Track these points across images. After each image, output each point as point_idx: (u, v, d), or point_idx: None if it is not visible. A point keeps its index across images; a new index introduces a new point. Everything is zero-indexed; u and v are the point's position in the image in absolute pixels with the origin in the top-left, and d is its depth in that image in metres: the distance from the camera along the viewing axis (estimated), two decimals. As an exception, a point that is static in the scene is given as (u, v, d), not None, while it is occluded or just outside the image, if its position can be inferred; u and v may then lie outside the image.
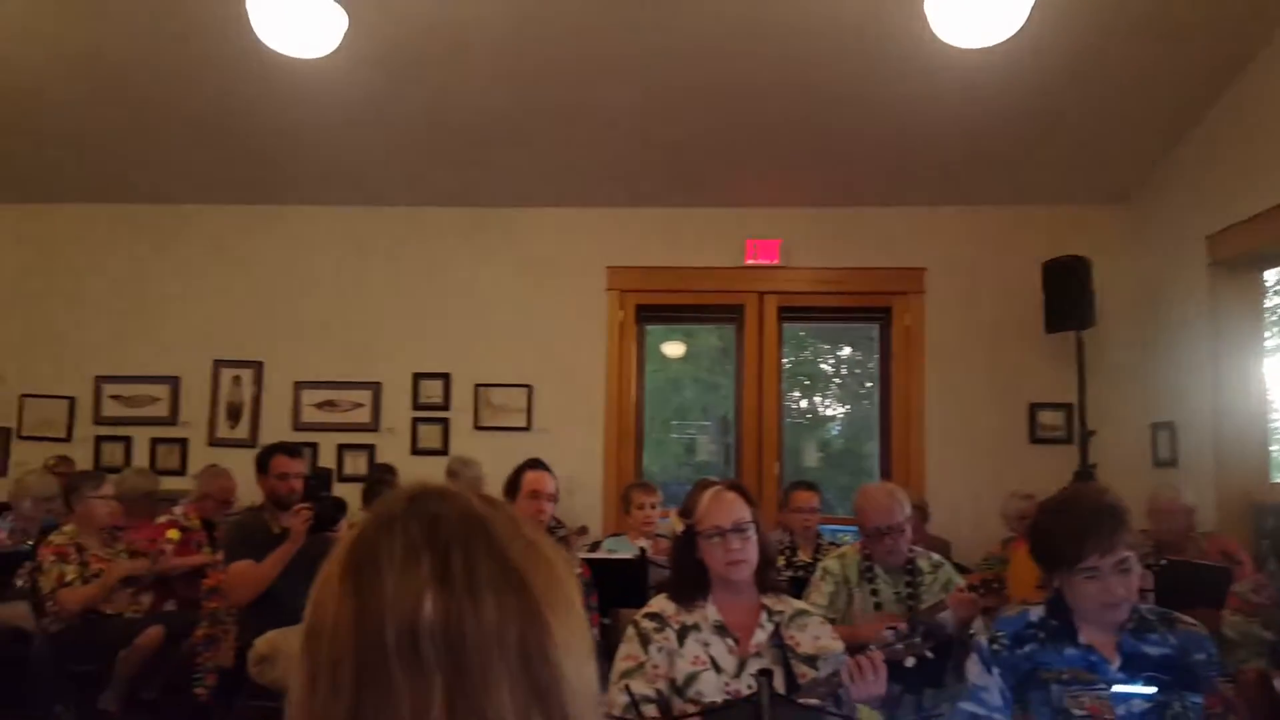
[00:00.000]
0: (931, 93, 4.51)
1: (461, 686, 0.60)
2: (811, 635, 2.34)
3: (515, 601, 0.63)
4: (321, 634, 0.64)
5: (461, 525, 0.66)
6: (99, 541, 4.38)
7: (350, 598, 0.64)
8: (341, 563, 0.67)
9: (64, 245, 6.07)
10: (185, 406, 5.97)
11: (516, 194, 5.77)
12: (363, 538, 0.67)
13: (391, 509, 0.68)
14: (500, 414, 5.81)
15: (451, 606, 0.62)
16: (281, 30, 3.45)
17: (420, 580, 0.62)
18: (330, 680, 0.62)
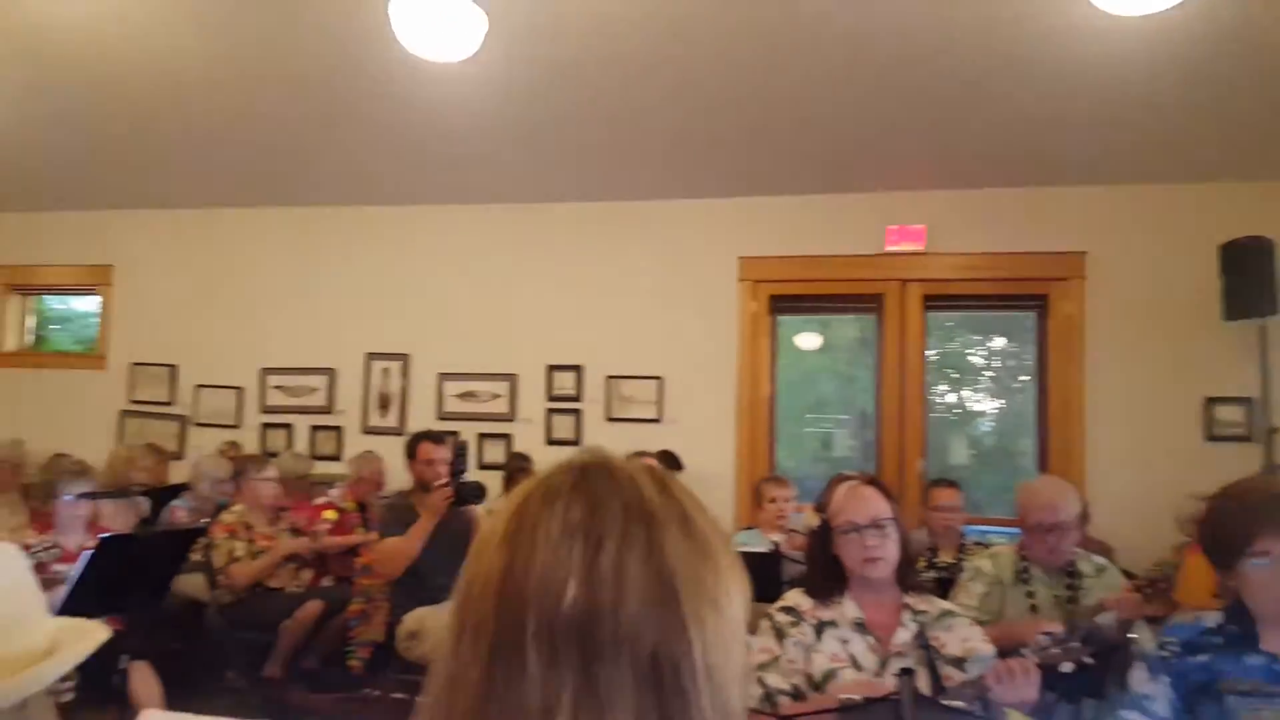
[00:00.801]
0: (1091, 62, 4.18)
1: (588, 686, 0.59)
2: (959, 637, 2.23)
3: (659, 612, 0.61)
4: (472, 591, 0.65)
5: (623, 517, 0.64)
6: (264, 520, 4.71)
7: (502, 563, 0.64)
8: (504, 525, 0.67)
9: (231, 247, 6.56)
10: (340, 396, 6.33)
11: (648, 187, 5.78)
12: (528, 505, 0.66)
13: (560, 482, 0.67)
14: (631, 405, 5.85)
15: (591, 601, 0.60)
16: (423, 36, 3.55)
17: (568, 567, 0.61)
18: (472, 639, 0.63)
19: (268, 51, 4.66)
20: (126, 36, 4.61)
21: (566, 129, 5.13)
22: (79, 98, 5.21)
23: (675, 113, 4.89)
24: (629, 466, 0.69)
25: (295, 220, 6.47)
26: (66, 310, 7.30)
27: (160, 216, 6.64)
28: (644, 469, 0.70)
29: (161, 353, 6.59)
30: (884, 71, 4.42)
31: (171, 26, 4.53)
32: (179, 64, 4.81)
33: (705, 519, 0.68)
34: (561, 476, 0.68)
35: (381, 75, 4.67)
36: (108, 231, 6.72)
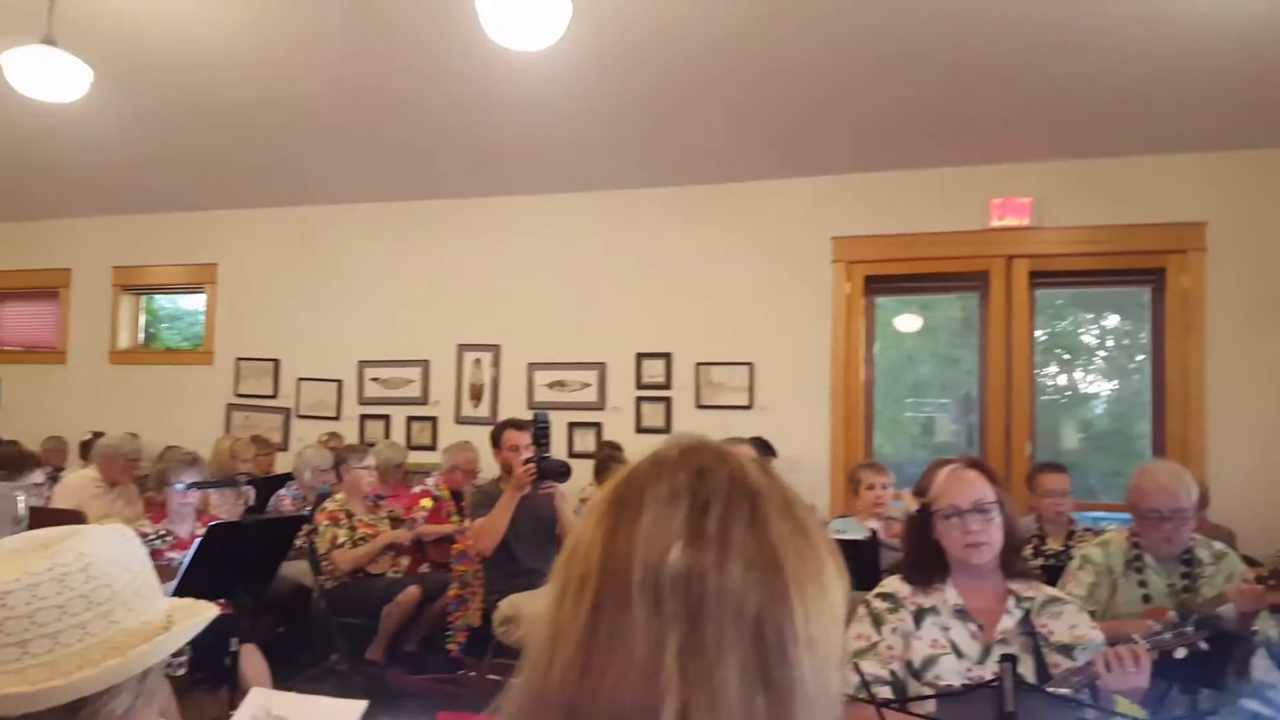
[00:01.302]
0: (1210, 19, 3.89)
1: (694, 645, 0.60)
2: (1067, 624, 2.13)
3: (762, 576, 0.62)
4: (577, 551, 0.67)
5: (728, 485, 0.67)
6: (364, 508, 4.83)
7: (607, 523, 0.66)
8: (609, 493, 0.69)
9: (329, 243, 6.74)
10: (434, 387, 6.45)
11: (736, 168, 5.68)
12: (634, 474, 0.69)
13: (667, 455, 0.70)
14: (721, 392, 5.77)
15: (696, 560, 0.62)
16: (510, 25, 3.53)
17: (674, 526, 0.63)
18: (576, 594, 0.65)
19: (359, 55, 4.75)
20: (227, 49, 4.77)
21: (650, 113, 5.07)
22: (184, 107, 5.42)
23: (763, 91, 4.77)
24: (736, 452, 0.72)
25: (388, 215, 6.61)
26: (175, 308, 7.65)
27: (261, 215, 6.88)
28: (750, 457, 0.72)
29: (265, 347, 6.83)
30: (984, 38, 4.21)
31: (268, 37, 4.67)
32: (276, 72, 4.96)
33: (804, 508, 0.70)
34: (668, 449, 0.71)
35: (467, 69, 4.71)
36: (212, 231, 7.00)
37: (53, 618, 0.92)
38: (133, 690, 0.98)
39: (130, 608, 0.98)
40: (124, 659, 0.95)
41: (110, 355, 7.27)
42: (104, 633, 0.95)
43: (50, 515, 3.65)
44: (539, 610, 0.69)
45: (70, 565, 0.94)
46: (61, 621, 0.92)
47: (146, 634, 0.99)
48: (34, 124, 5.50)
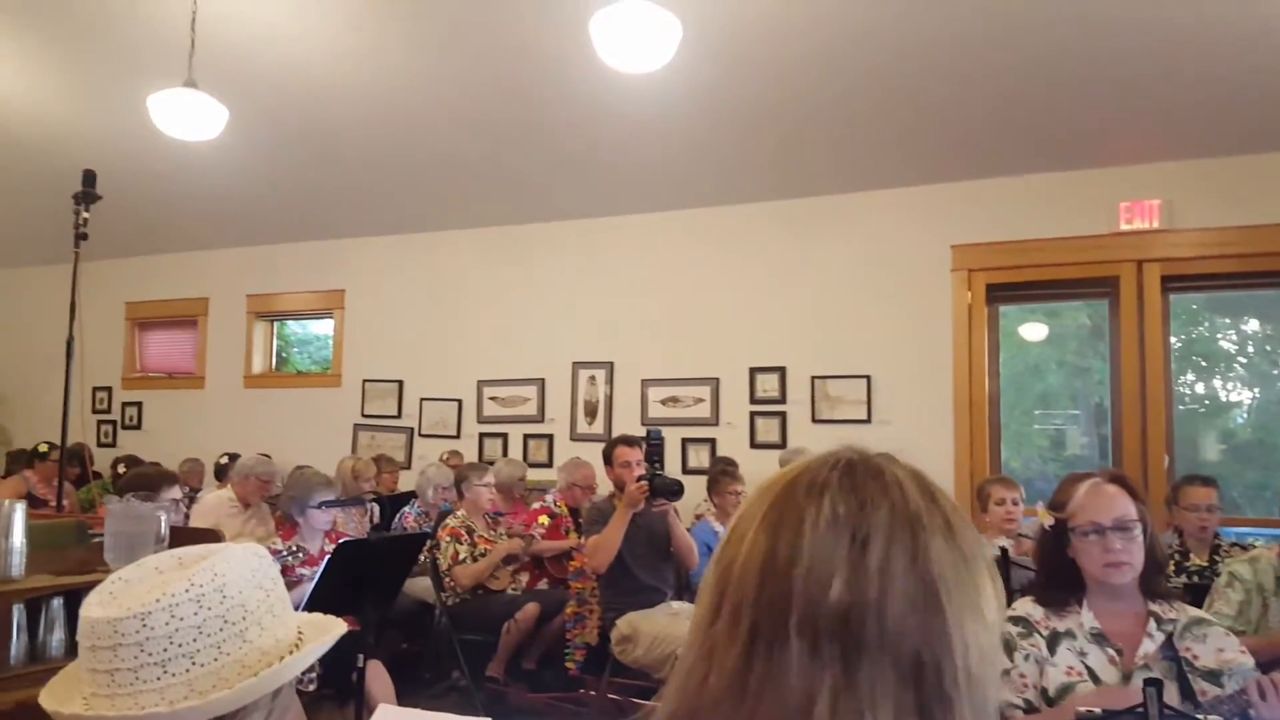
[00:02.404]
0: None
1: (849, 688, 0.59)
2: (1213, 648, 1.97)
3: (922, 618, 0.61)
4: (732, 568, 0.65)
5: (890, 519, 0.64)
6: (484, 525, 4.92)
7: (764, 548, 0.64)
8: (764, 510, 0.67)
9: (448, 267, 6.94)
10: (550, 405, 6.53)
11: (850, 179, 5.56)
12: (792, 494, 0.67)
13: (826, 476, 0.67)
14: (839, 406, 5.62)
15: (857, 598, 0.61)
16: (622, 48, 3.55)
17: (835, 562, 0.62)
18: (731, 619, 0.63)
19: (477, 85, 4.91)
20: (353, 85, 5.01)
21: (763, 127, 5.03)
22: (313, 141, 5.71)
23: (874, 100, 4.66)
24: (896, 470, 0.69)
25: (505, 239, 6.76)
26: (305, 333, 8.03)
27: (385, 242, 7.15)
28: (911, 473, 0.69)
29: (389, 369, 7.08)
30: (1107, 37, 3.99)
31: (391, 73, 4.87)
32: (399, 105, 5.17)
33: (966, 527, 0.68)
34: (827, 471, 0.68)
35: (581, 92, 4.78)
36: (339, 259, 7.32)
37: (190, 638, 0.93)
38: (265, 707, 0.99)
39: (263, 626, 1.00)
40: (257, 679, 0.96)
41: (245, 379, 7.68)
42: (238, 652, 0.96)
43: (189, 534, 3.86)
44: (692, 622, 0.67)
45: (206, 586, 0.96)
46: (198, 641, 0.94)
47: (278, 652, 1.00)
48: (176, 162, 5.90)
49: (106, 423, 8.14)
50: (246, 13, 4.47)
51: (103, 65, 5.16)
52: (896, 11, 3.97)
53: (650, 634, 3.69)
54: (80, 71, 5.31)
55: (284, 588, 1.07)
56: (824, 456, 0.70)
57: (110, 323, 8.10)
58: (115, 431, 8.10)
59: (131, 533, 2.59)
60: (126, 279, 8.03)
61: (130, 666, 0.92)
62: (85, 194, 3.92)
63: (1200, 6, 3.75)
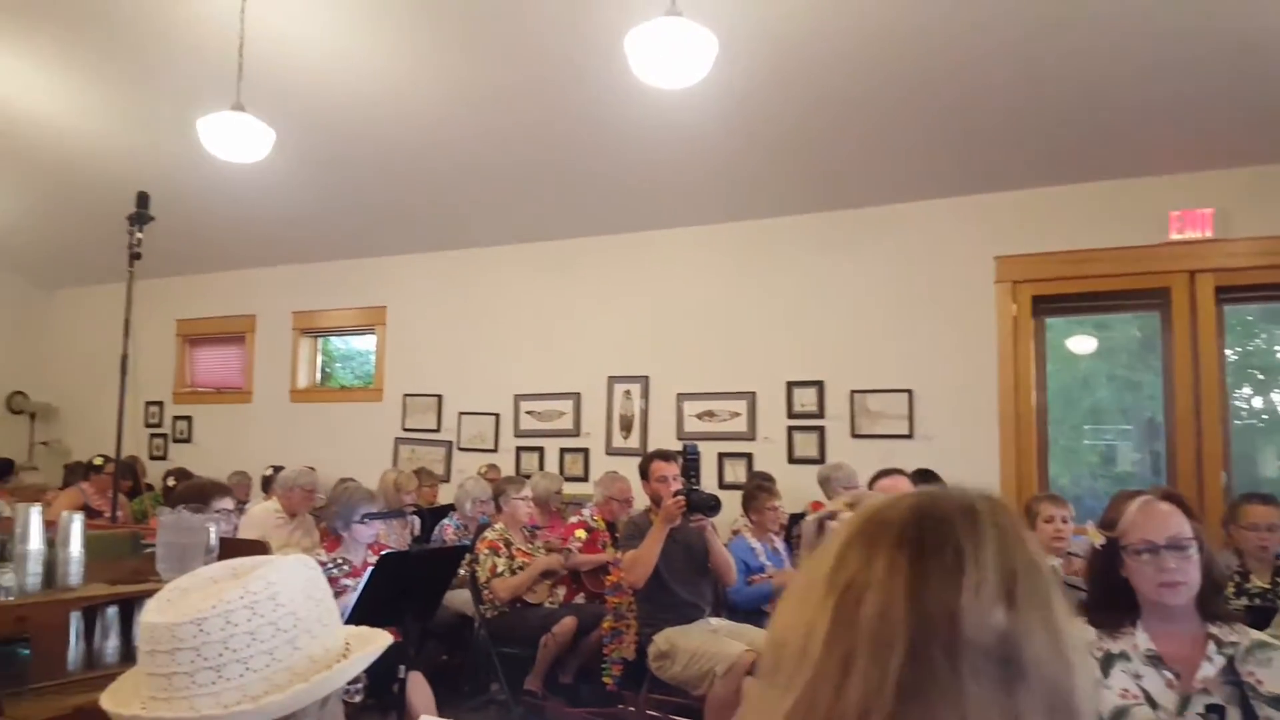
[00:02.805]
0: None
1: (1007, 709, 0.61)
2: (1278, 672, 1.88)
3: (1055, 648, 0.63)
4: (860, 586, 0.65)
5: (1020, 554, 0.66)
6: (521, 538, 4.93)
7: (908, 578, 0.64)
8: (898, 529, 0.67)
9: (486, 283, 7.01)
10: (586, 419, 6.55)
11: (889, 190, 5.52)
12: (934, 521, 0.67)
13: (970, 502, 0.69)
14: (879, 421, 5.56)
15: (1014, 631, 0.62)
16: (658, 65, 3.56)
17: (992, 594, 0.63)
18: (877, 629, 0.63)
19: (515, 105, 4.97)
20: (395, 107, 5.10)
21: (798, 140, 5.02)
22: (356, 162, 5.83)
23: (914, 111, 4.63)
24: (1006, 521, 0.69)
25: (541, 254, 6.81)
26: (348, 349, 8.15)
27: (425, 259, 7.25)
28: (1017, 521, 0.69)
29: (429, 384, 7.16)
30: (1157, 42, 3.93)
31: (432, 94, 4.96)
32: (439, 125, 5.26)
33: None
34: (963, 500, 0.69)
35: (615, 109, 4.82)
36: (381, 276, 7.44)
37: (244, 643, 0.96)
38: (314, 715, 1.01)
39: (313, 635, 1.02)
40: (308, 684, 0.98)
41: (291, 394, 7.82)
42: (289, 659, 0.99)
43: (237, 545, 3.93)
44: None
45: (260, 594, 0.99)
46: (251, 647, 0.96)
47: (327, 661, 1.02)
48: (224, 183, 6.04)
49: (158, 436, 8.33)
50: (292, 38, 4.58)
51: (155, 91, 5.32)
52: (936, 20, 3.95)
53: (688, 650, 3.67)
54: (134, 97, 5.47)
55: (332, 599, 1.09)
56: (953, 490, 0.71)
57: (162, 339, 8.31)
58: (166, 445, 8.29)
59: (182, 543, 2.65)
60: (177, 297, 8.23)
61: (186, 670, 0.94)
62: (139, 215, 4.03)
63: (1251, 13, 3.67)
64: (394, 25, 4.47)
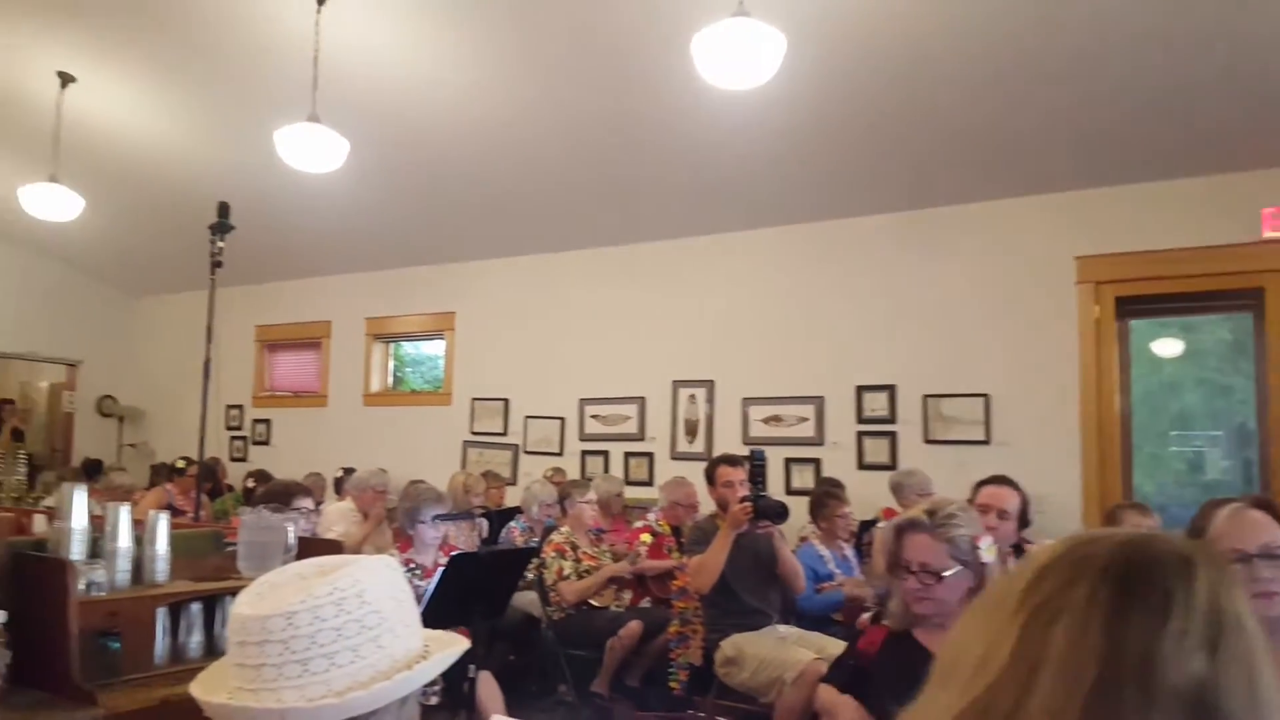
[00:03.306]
0: None
1: None
2: None
3: (1250, 711, 0.62)
4: (1055, 610, 0.66)
5: (1231, 607, 0.65)
6: (587, 541, 4.96)
7: (1107, 612, 0.65)
8: (1102, 564, 0.67)
9: (552, 288, 7.07)
10: (650, 423, 6.55)
11: (966, 189, 5.39)
12: (1146, 561, 0.67)
13: (1187, 552, 0.68)
14: (954, 426, 5.43)
15: (1214, 683, 0.62)
16: (724, 66, 3.53)
17: (1196, 642, 0.63)
18: (1061, 681, 0.63)
19: (582, 110, 5.00)
20: (479, 115, 5.18)
21: (869, 139, 4.94)
22: (426, 171, 5.94)
23: (992, 107, 4.51)
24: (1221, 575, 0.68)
25: (606, 259, 6.84)
26: (418, 354, 8.31)
27: (493, 265, 7.34)
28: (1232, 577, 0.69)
29: (496, 388, 7.25)
30: (1248, 29, 3.75)
31: (499, 100, 5.02)
32: (506, 131, 5.32)
33: None
34: (1189, 547, 0.68)
35: (682, 111, 4.80)
36: (450, 282, 7.56)
37: (330, 639, 0.98)
38: (394, 714, 1.03)
39: (396, 634, 1.04)
40: (390, 682, 1.00)
41: (364, 398, 8.01)
42: (372, 656, 1.00)
43: (314, 544, 4.03)
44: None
45: (347, 591, 1.01)
46: (337, 643, 0.98)
47: (408, 661, 1.04)
48: (301, 193, 6.21)
49: (238, 438, 8.61)
50: (363, 49, 4.69)
51: (236, 105, 5.50)
52: (1014, 12, 3.84)
53: (756, 657, 3.63)
54: (216, 112, 5.67)
55: (413, 601, 1.11)
56: (1166, 535, 0.71)
57: (242, 345, 8.59)
58: (246, 447, 8.56)
59: (262, 542, 2.72)
60: (256, 304, 8.50)
61: (275, 663, 0.96)
62: (220, 225, 4.17)
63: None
64: (461, 34, 4.54)
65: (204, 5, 4.54)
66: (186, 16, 4.67)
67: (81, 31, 4.99)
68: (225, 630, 2.52)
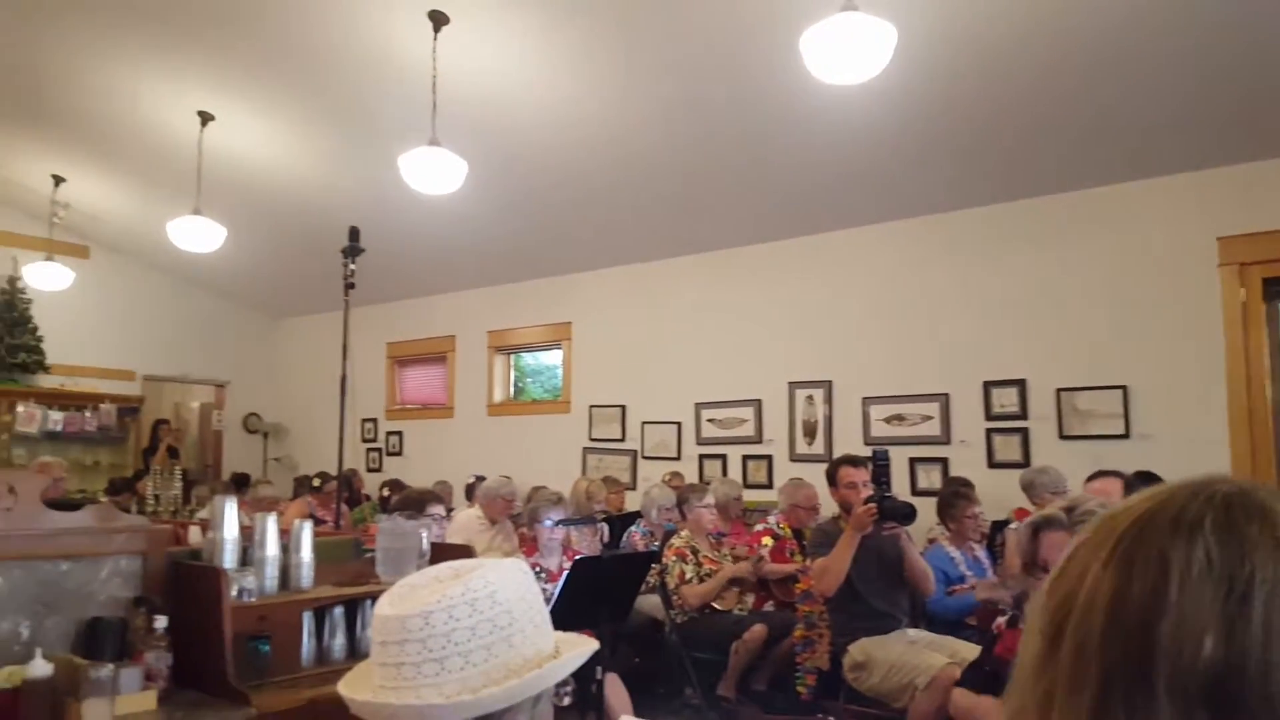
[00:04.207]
0: None
1: None
2: None
3: None
4: (1072, 604, 0.59)
5: (1274, 568, 0.55)
6: (708, 545, 4.96)
7: (1113, 584, 0.58)
8: (1114, 540, 0.60)
9: (665, 294, 7.12)
10: (768, 425, 6.49)
11: (1095, 172, 5.12)
12: (1151, 529, 0.59)
13: (1197, 512, 0.58)
14: (1090, 420, 5.16)
15: (1235, 661, 0.53)
16: (834, 61, 3.49)
17: (1207, 614, 0.54)
18: (1074, 663, 0.58)
19: (691, 116, 5.02)
20: (577, 129, 5.30)
21: (989, 126, 4.77)
22: (542, 186, 6.09)
23: (1122, 87, 4.29)
24: (1234, 529, 0.58)
25: (718, 263, 6.84)
26: (537, 364, 8.51)
27: (607, 275, 7.46)
28: (1253, 525, 0.58)
29: (613, 395, 7.35)
30: None
31: (613, 114, 5.11)
32: (620, 143, 5.41)
33: None
34: (1198, 505, 0.59)
35: (792, 109, 4.76)
36: (567, 293, 7.73)
37: (465, 638, 1.03)
38: (527, 712, 1.07)
39: (526, 634, 1.08)
40: (522, 680, 1.04)
41: (487, 408, 8.27)
42: (505, 655, 1.05)
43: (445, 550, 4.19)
44: (1019, 660, 0.62)
45: (479, 592, 1.05)
46: (471, 642, 1.03)
47: (539, 660, 1.08)
48: (424, 214, 6.47)
49: (373, 450, 9.05)
50: (476, 70, 4.85)
51: (363, 133, 5.79)
52: None
53: (886, 662, 3.56)
54: (345, 141, 5.99)
55: (543, 602, 1.15)
56: (1190, 487, 0.61)
57: (374, 361, 9.02)
58: (381, 458, 8.98)
59: (399, 548, 2.85)
60: (386, 321, 8.91)
61: (414, 661, 1.02)
62: (351, 248, 4.39)
63: None
64: (568, 47, 4.64)
65: (329, 41, 4.80)
66: (313, 52, 4.95)
67: (217, 73, 5.36)
68: (366, 633, 2.65)
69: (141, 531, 2.56)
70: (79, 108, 6.01)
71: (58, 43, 5.18)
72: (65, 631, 2.35)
